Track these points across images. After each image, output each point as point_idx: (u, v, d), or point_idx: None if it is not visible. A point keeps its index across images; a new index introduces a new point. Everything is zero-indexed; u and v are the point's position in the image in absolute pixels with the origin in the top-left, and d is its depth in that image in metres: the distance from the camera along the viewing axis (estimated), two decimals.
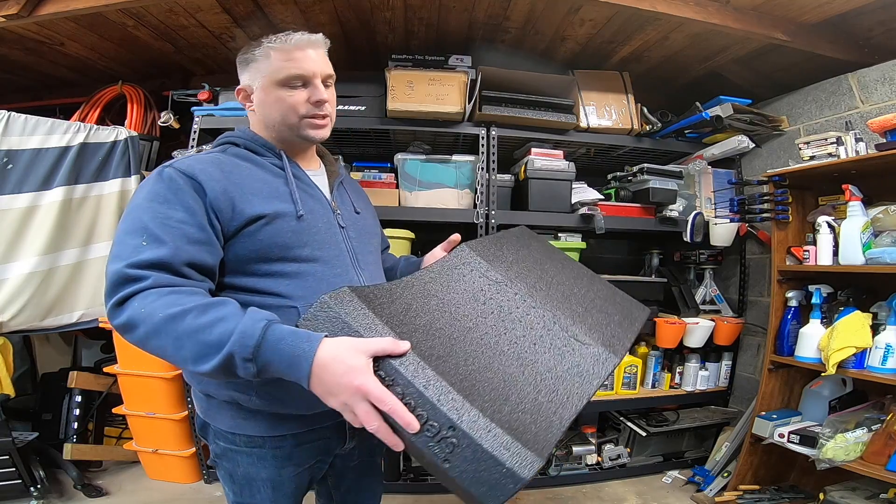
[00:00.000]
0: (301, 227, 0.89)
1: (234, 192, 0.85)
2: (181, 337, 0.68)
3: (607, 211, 2.22)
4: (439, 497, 2.14)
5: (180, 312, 0.69)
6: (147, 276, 0.73)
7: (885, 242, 1.61)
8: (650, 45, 2.21)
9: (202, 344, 0.68)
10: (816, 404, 1.88)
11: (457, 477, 0.62)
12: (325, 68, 0.96)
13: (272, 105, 0.94)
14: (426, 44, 2.31)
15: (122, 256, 0.75)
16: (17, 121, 1.99)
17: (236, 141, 0.96)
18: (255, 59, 0.96)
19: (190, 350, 0.68)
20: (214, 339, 0.67)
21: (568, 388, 0.76)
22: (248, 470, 0.91)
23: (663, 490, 2.21)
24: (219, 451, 0.93)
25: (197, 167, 0.84)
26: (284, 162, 0.95)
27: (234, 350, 0.66)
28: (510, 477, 0.60)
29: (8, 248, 1.96)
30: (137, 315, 0.71)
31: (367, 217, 1.11)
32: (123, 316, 0.72)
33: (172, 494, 2.09)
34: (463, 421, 0.63)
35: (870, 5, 1.76)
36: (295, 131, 0.95)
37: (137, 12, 1.93)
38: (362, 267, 0.98)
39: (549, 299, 0.92)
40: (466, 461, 0.62)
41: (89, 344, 2.60)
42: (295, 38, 0.93)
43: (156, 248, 0.75)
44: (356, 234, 1.01)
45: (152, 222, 0.77)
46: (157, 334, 0.70)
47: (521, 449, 0.63)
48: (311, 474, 0.98)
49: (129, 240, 0.76)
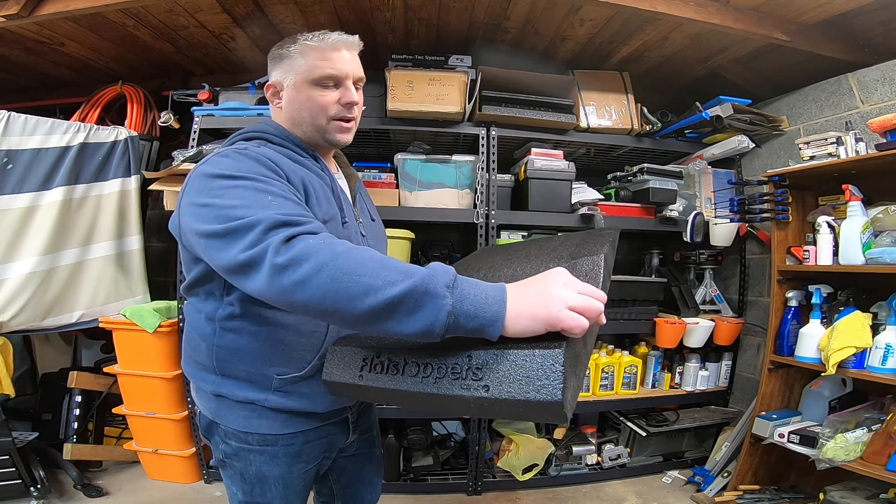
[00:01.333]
0: (343, 235, 0.89)
1: (307, 187, 0.84)
2: (365, 262, 0.63)
3: (607, 211, 2.22)
4: (439, 497, 2.14)
5: (363, 247, 0.66)
6: (311, 220, 0.69)
7: (885, 242, 1.61)
8: (650, 45, 2.21)
9: (391, 269, 0.62)
10: (816, 404, 1.88)
11: (502, 395, 0.60)
12: (358, 70, 0.95)
13: (302, 103, 0.92)
14: (426, 44, 2.31)
15: (256, 217, 0.67)
16: (17, 121, 1.99)
17: (270, 138, 0.92)
18: (290, 56, 0.92)
19: (374, 273, 0.61)
20: (405, 267, 0.63)
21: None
22: (261, 468, 0.91)
23: (663, 490, 2.21)
24: (230, 450, 0.92)
25: (274, 156, 0.81)
26: (324, 164, 0.95)
27: (436, 272, 0.62)
28: (546, 358, 0.59)
29: (8, 248, 1.96)
30: (313, 249, 0.64)
31: (379, 223, 1.13)
32: (290, 253, 0.63)
33: (172, 494, 2.09)
34: (475, 346, 0.65)
35: (870, 5, 1.76)
36: (322, 133, 0.94)
37: (137, 12, 1.93)
38: None
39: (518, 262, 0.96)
40: (502, 375, 0.61)
41: (89, 344, 2.60)
42: (332, 37, 0.91)
43: (289, 204, 0.72)
44: (374, 243, 1.02)
45: (269, 185, 0.73)
46: (334, 263, 0.62)
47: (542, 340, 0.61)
48: (317, 470, 1.00)
49: (252, 201, 0.70)
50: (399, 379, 0.71)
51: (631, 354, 2.36)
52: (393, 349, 0.75)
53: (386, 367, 0.73)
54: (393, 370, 0.72)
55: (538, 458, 2.20)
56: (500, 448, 2.28)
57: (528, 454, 2.18)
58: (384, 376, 0.73)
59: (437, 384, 0.67)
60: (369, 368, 0.75)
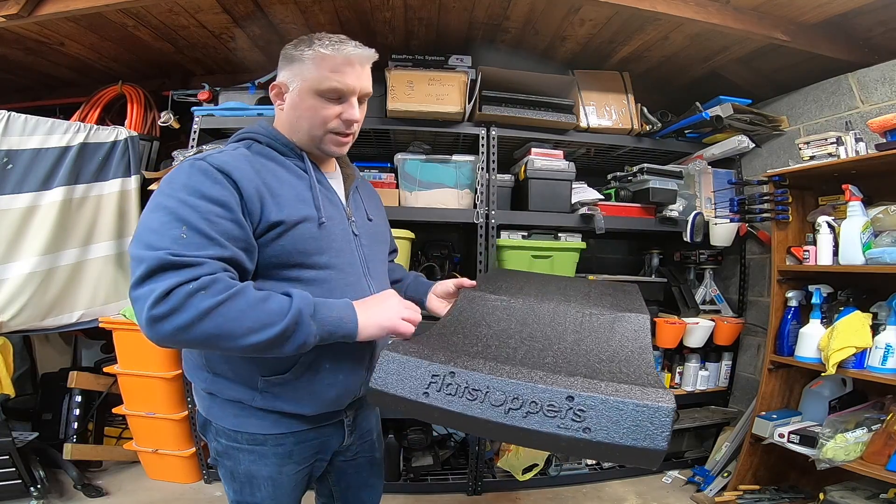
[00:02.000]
0: (321, 234, 0.89)
1: (265, 194, 0.83)
2: (241, 311, 0.72)
3: (607, 211, 2.22)
4: (439, 497, 2.14)
5: (237, 292, 0.73)
6: (200, 263, 0.71)
7: (885, 242, 1.61)
8: (650, 45, 2.21)
9: (265, 312, 0.74)
10: (816, 404, 1.88)
11: (606, 439, 0.62)
12: (367, 86, 0.93)
13: (303, 112, 0.91)
14: (426, 44, 2.31)
15: (159, 246, 0.71)
16: (17, 121, 1.99)
17: (259, 138, 0.93)
18: (301, 60, 0.89)
19: (253, 320, 0.73)
20: (276, 308, 0.75)
21: (631, 346, 0.81)
22: (250, 468, 0.91)
23: (663, 490, 2.21)
24: (220, 448, 0.93)
25: (232, 164, 0.81)
26: (308, 165, 0.94)
27: (301, 306, 0.76)
28: (659, 412, 0.61)
29: (8, 248, 1.96)
30: (189, 301, 0.68)
31: (378, 224, 1.11)
32: (168, 305, 0.68)
33: (172, 494, 2.09)
34: (577, 388, 0.65)
35: (870, 5, 1.76)
36: (316, 143, 0.93)
37: (137, 12, 1.93)
38: (373, 276, 0.99)
39: (557, 300, 0.97)
40: (606, 420, 0.62)
41: (89, 344, 2.60)
42: (348, 49, 0.88)
43: (198, 240, 0.73)
44: (368, 242, 1.01)
45: (191, 215, 0.74)
46: (209, 316, 0.69)
47: (646, 389, 0.65)
48: (311, 472, 0.99)
49: (165, 230, 0.72)
50: (477, 406, 0.67)
51: None
52: (470, 367, 0.70)
53: (462, 390, 0.68)
54: (471, 395, 0.68)
55: (538, 458, 2.20)
56: (500, 448, 2.28)
57: (528, 454, 2.18)
58: (458, 400, 0.68)
59: (527, 419, 0.64)
60: (439, 387, 0.70)
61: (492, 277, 1.18)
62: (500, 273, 1.26)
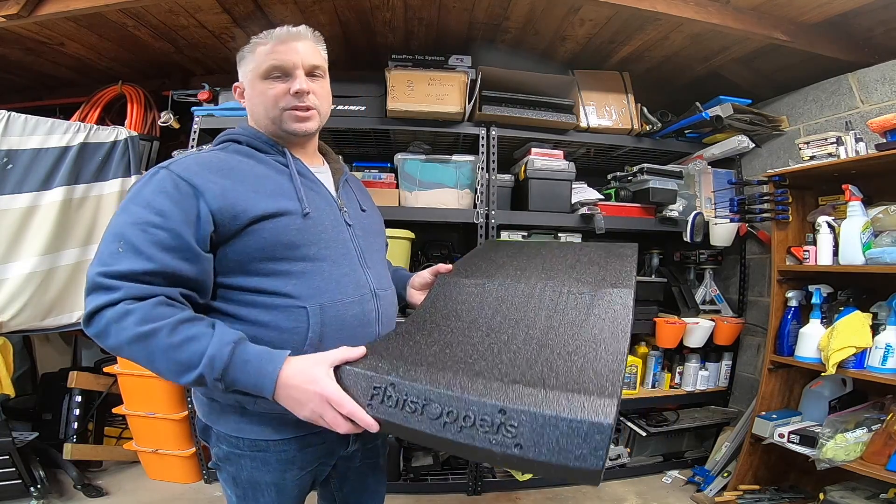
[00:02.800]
0: (307, 226, 0.88)
1: (236, 192, 0.83)
2: (153, 353, 0.73)
3: (607, 211, 2.22)
4: (439, 497, 2.14)
5: (151, 331, 0.72)
6: (118, 288, 0.74)
7: (885, 242, 1.61)
8: (650, 45, 2.21)
9: (174, 362, 0.73)
10: (816, 404, 1.88)
11: (536, 457, 0.58)
12: (309, 59, 0.94)
13: (256, 98, 0.95)
14: (426, 44, 2.31)
15: (99, 261, 0.76)
16: (17, 121, 1.99)
17: (238, 138, 0.95)
18: (244, 57, 0.97)
19: (163, 366, 0.74)
20: (185, 359, 0.73)
21: (605, 333, 0.74)
22: (253, 474, 0.90)
23: (663, 490, 2.21)
24: (221, 454, 0.91)
25: (194, 168, 0.83)
26: (288, 158, 0.94)
27: (205, 372, 0.72)
28: (592, 428, 0.56)
29: (8, 248, 1.96)
30: (110, 328, 0.73)
31: (372, 216, 1.10)
32: (95, 327, 0.74)
33: (172, 494, 2.09)
34: (510, 400, 0.61)
35: (870, 5, 1.76)
36: (278, 124, 0.94)
37: (137, 12, 1.93)
38: (369, 265, 0.98)
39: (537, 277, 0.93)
40: (537, 436, 0.58)
41: (89, 344, 2.60)
42: (276, 31, 0.93)
43: (131, 257, 0.75)
44: (362, 233, 1.00)
45: (130, 229, 0.77)
46: (129, 348, 0.73)
47: (585, 398, 0.59)
48: (314, 476, 0.98)
49: (108, 244, 0.77)
50: (416, 419, 0.65)
51: (631, 354, 2.35)
52: (410, 378, 0.69)
53: (402, 403, 0.67)
54: (410, 408, 0.67)
55: None
56: None
57: None
58: (398, 412, 0.67)
59: (461, 433, 0.62)
60: (381, 399, 0.69)
61: (475, 255, 1.13)
62: (486, 248, 1.19)
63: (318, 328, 0.85)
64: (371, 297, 0.94)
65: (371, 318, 0.93)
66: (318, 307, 0.85)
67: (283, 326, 0.84)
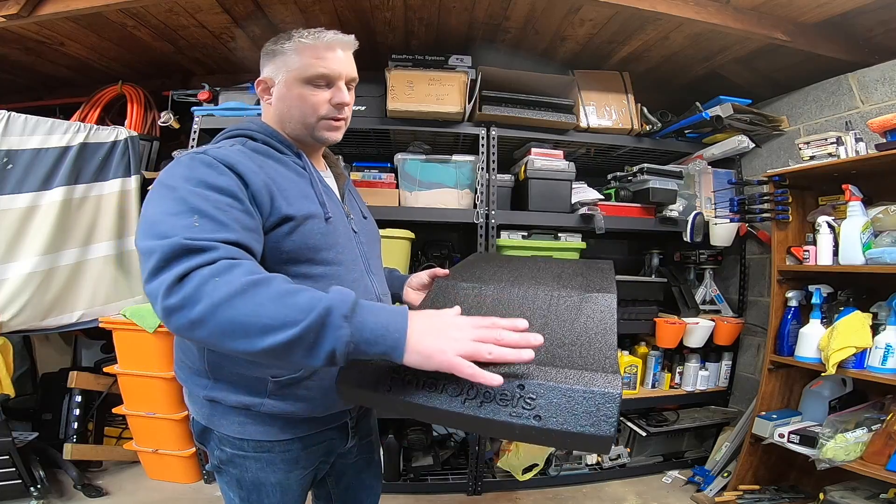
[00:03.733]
0: (328, 230, 0.88)
1: (273, 188, 0.81)
2: (262, 302, 0.61)
3: (607, 211, 2.22)
4: (439, 497, 2.14)
5: (264, 279, 0.64)
6: (215, 248, 0.66)
7: (885, 242, 1.61)
8: (650, 45, 2.21)
9: (289, 306, 0.61)
10: (816, 404, 1.88)
11: (556, 426, 0.63)
12: (351, 70, 0.94)
13: (293, 101, 0.91)
14: (426, 44, 2.31)
15: (170, 233, 0.65)
16: (17, 121, 1.99)
17: (253, 135, 0.91)
18: (283, 53, 0.90)
19: (271, 316, 0.61)
20: (305, 301, 0.62)
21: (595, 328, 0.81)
22: (258, 475, 0.89)
23: (663, 490, 2.21)
24: (224, 457, 0.90)
25: (234, 157, 0.79)
26: (305, 161, 0.93)
27: (333, 305, 0.62)
28: (604, 398, 0.62)
29: (8, 248, 1.96)
30: (205, 286, 0.61)
31: (371, 222, 1.12)
32: (182, 292, 0.62)
33: (172, 494, 2.09)
34: (527, 376, 0.66)
35: (870, 5, 1.76)
36: (310, 131, 0.93)
37: (137, 12, 1.93)
38: (374, 272, 0.99)
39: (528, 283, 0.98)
40: (555, 407, 0.64)
41: (89, 344, 2.60)
42: (328, 36, 0.90)
43: (213, 226, 0.68)
44: (366, 240, 1.01)
45: (202, 203, 0.70)
46: (228, 303, 0.61)
47: (594, 374, 0.66)
48: (315, 475, 0.99)
49: (175, 220, 0.67)
50: (436, 397, 0.68)
51: (631, 354, 2.36)
52: None
53: (421, 382, 0.70)
54: (429, 387, 0.69)
55: (538, 457, 2.20)
56: (500, 448, 2.28)
57: (527, 454, 2.18)
58: (418, 392, 0.69)
59: (481, 408, 0.66)
60: (400, 381, 0.71)
61: (468, 264, 1.18)
62: (478, 259, 1.26)
63: None
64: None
65: None
66: None
67: None
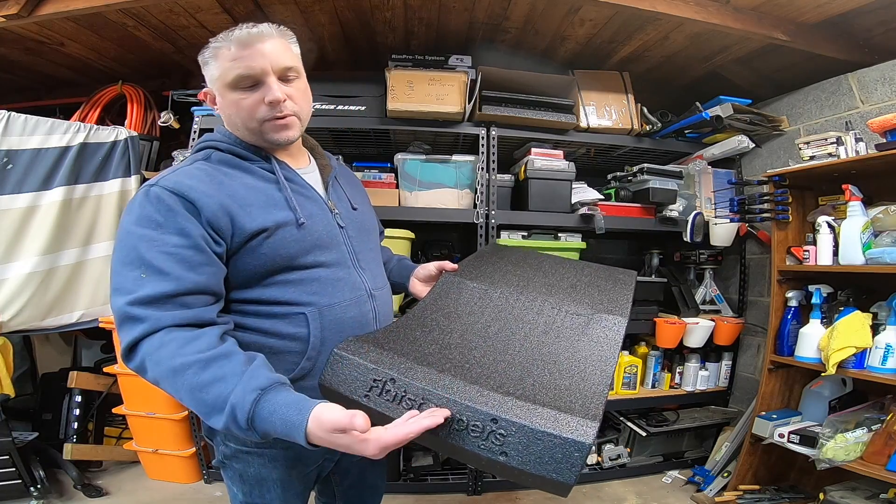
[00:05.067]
0: (303, 235, 0.87)
1: (232, 207, 0.80)
2: (182, 392, 0.71)
3: (607, 211, 2.22)
4: (439, 497, 2.14)
5: (181, 366, 0.70)
6: (146, 318, 0.72)
7: (885, 242, 1.61)
8: (650, 45, 2.21)
9: (202, 404, 0.70)
10: (816, 404, 1.88)
11: (519, 466, 0.62)
12: (279, 61, 0.86)
13: (230, 109, 0.87)
14: (426, 44, 2.31)
15: (123, 290, 0.73)
16: (17, 121, 1.99)
17: (219, 146, 0.89)
18: (207, 63, 0.87)
19: (195, 406, 0.71)
20: (211, 401, 0.69)
21: (594, 356, 0.79)
22: (260, 471, 0.91)
23: (663, 490, 2.21)
24: (229, 452, 0.92)
25: (186, 183, 0.78)
26: (274, 165, 0.90)
27: (229, 424, 0.69)
28: (573, 446, 0.62)
29: (8, 248, 1.96)
30: (147, 361, 0.72)
31: (364, 212, 1.07)
32: (134, 362, 0.73)
33: (172, 494, 2.09)
34: (503, 411, 0.65)
35: (870, 5, 1.76)
36: (260, 136, 0.88)
37: (137, 12, 1.93)
38: (363, 267, 0.97)
39: (538, 292, 0.96)
40: (522, 447, 0.63)
41: (89, 344, 2.60)
42: (236, 34, 0.84)
43: (156, 280, 0.73)
44: (355, 233, 0.99)
45: (148, 252, 0.74)
46: (165, 383, 0.72)
47: (571, 418, 0.64)
48: (318, 472, 0.99)
49: (126, 272, 0.74)
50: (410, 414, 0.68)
51: (631, 354, 2.36)
52: (410, 376, 0.72)
53: (400, 398, 0.70)
54: (408, 404, 0.69)
55: None
56: None
57: None
58: (396, 406, 0.70)
59: (452, 435, 0.66)
60: (379, 392, 0.71)
61: (480, 257, 1.15)
62: (492, 252, 1.21)
63: (319, 332, 0.86)
64: (367, 298, 0.95)
65: (369, 318, 0.94)
66: (316, 312, 0.86)
67: (284, 332, 0.86)
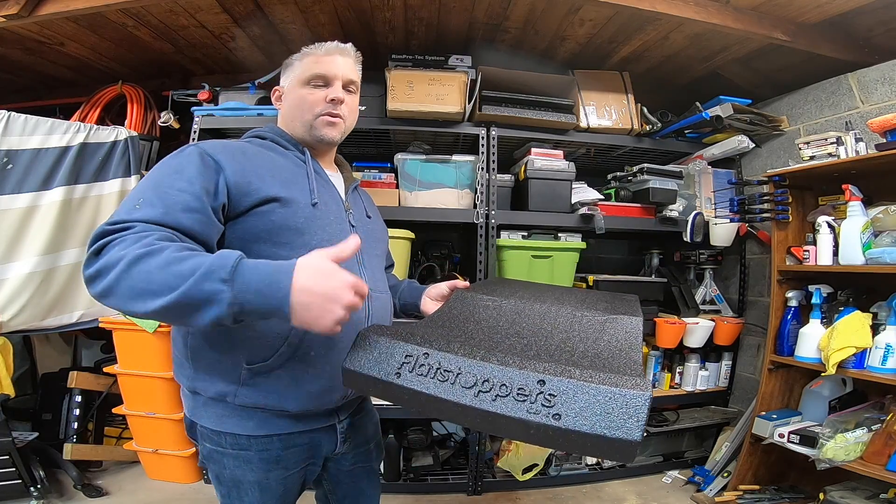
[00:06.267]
0: (314, 215, 0.92)
1: (253, 173, 0.87)
2: (152, 271, 0.65)
3: (607, 211, 2.22)
4: (439, 497, 2.14)
5: (157, 249, 0.67)
6: (132, 225, 0.71)
7: (885, 242, 1.61)
8: (650, 45, 2.21)
9: (173, 274, 0.64)
10: (816, 404, 1.88)
11: (575, 427, 0.58)
12: (349, 73, 1.03)
13: (294, 102, 1.02)
14: (426, 44, 2.31)
15: (114, 216, 0.73)
16: (17, 121, 1.99)
17: (263, 134, 1.02)
18: (292, 64, 1.04)
19: (159, 281, 0.64)
20: (187, 268, 0.65)
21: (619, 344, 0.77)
22: (235, 472, 0.90)
23: (663, 490, 2.21)
24: (206, 452, 0.92)
25: (219, 147, 0.88)
26: (307, 156, 1.00)
27: (212, 269, 0.64)
28: (634, 398, 0.57)
29: (8, 248, 1.96)
30: (112, 258, 0.66)
31: (376, 223, 1.15)
32: (98, 263, 0.67)
33: (172, 494, 2.09)
34: (550, 372, 0.62)
35: (870, 5, 1.76)
36: (308, 129, 1.01)
37: (137, 12, 1.93)
38: (366, 266, 1.01)
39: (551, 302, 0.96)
40: (577, 406, 0.58)
41: (89, 344, 2.60)
42: (326, 45, 1.03)
43: (147, 208, 0.74)
44: (364, 236, 1.01)
45: (152, 189, 0.78)
46: (127, 273, 0.65)
47: (621, 377, 0.61)
48: (303, 477, 0.98)
49: (126, 203, 0.76)
50: (448, 388, 0.65)
51: None
52: (445, 349, 0.69)
53: (434, 371, 0.67)
54: (442, 376, 0.66)
55: (538, 457, 2.20)
56: (500, 448, 2.28)
57: (528, 454, 2.18)
58: (429, 381, 0.66)
59: (496, 402, 0.62)
60: (411, 367, 0.69)
61: (489, 282, 1.19)
62: (497, 280, 1.26)
63: None
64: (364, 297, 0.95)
65: (360, 316, 0.94)
66: None
67: None
